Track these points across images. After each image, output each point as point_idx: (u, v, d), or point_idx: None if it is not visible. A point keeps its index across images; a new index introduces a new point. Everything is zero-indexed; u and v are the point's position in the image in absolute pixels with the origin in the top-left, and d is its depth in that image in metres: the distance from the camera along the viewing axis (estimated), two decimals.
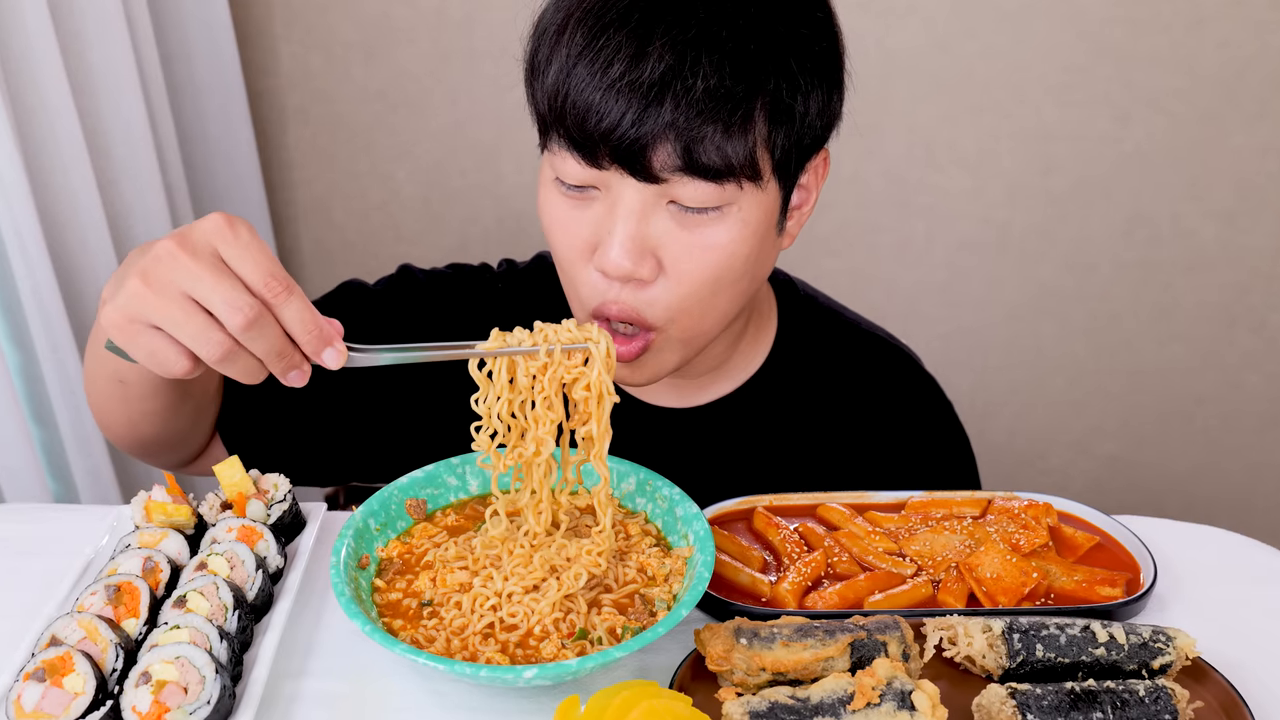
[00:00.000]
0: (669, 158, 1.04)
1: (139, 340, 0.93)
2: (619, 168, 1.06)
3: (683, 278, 1.11)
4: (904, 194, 2.62)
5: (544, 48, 1.08)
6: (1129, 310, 2.69)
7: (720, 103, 1.02)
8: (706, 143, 1.03)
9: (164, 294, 0.90)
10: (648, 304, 1.12)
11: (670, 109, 1.01)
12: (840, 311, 1.44)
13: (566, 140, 1.07)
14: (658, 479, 1.15)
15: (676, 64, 1.01)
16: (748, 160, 1.06)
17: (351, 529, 1.08)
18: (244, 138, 2.53)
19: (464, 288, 1.41)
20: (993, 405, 2.85)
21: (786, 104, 1.06)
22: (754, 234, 1.12)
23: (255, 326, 0.90)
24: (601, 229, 1.10)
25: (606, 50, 1.02)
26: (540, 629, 1.01)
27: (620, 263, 1.08)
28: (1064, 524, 1.20)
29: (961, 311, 2.75)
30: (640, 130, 1.02)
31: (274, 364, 0.93)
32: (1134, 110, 2.46)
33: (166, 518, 1.13)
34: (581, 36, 1.04)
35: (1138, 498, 2.87)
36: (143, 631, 1.00)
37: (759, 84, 1.04)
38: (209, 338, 0.90)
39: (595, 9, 1.05)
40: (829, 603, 1.08)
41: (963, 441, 1.42)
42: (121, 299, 0.91)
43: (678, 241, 1.09)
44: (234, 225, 0.91)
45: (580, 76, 1.04)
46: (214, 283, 0.89)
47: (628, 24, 1.03)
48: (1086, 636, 1.00)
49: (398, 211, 2.74)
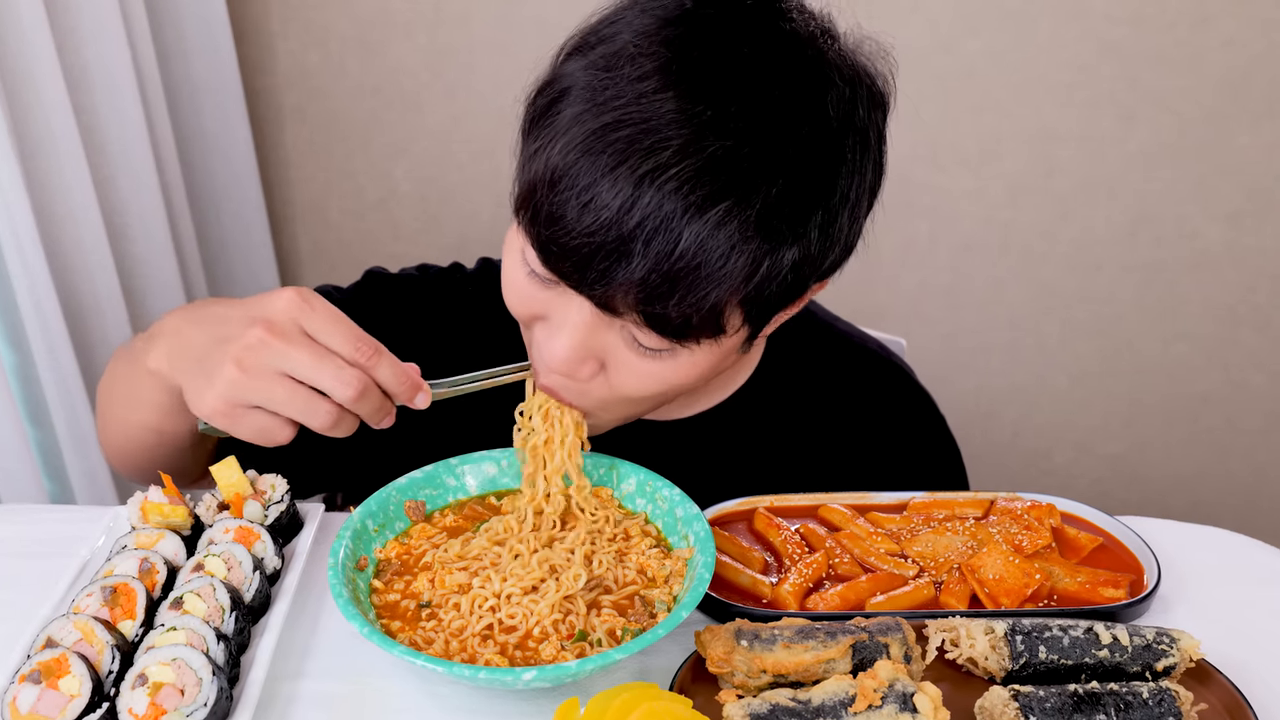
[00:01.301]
0: (628, 306, 0.99)
1: (244, 421, 0.99)
2: (577, 292, 1.02)
3: (620, 388, 1.09)
4: (907, 194, 2.62)
5: (541, 130, 1.00)
6: (1134, 311, 2.69)
7: (697, 277, 0.95)
8: (670, 309, 0.97)
9: (264, 379, 0.96)
10: (582, 394, 1.10)
11: (640, 268, 0.94)
12: (833, 324, 1.44)
13: (535, 246, 1.02)
14: (658, 479, 1.15)
15: (663, 224, 0.93)
16: (713, 326, 1.00)
17: (349, 530, 1.08)
18: (241, 136, 2.53)
19: (433, 289, 1.42)
20: (996, 406, 2.85)
21: (777, 277, 0.99)
22: (710, 366, 1.09)
23: (364, 395, 0.98)
24: (552, 314, 1.07)
25: (598, 183, 0.94)
26: (539, 630, 1.01)
27: (559, 365, 1.06)
28: (1067, 525, 1.20)
29: (964, 312, 2.75)
30: (604, 278, 0.96)
31: (375, 420, 1.02)
32: (1139, 110, 2.46)
33: (163, 519, 1.13)
34: (580, 148, 0.95)
35: (1141, 498, 2.87)
36: (139, 633, 1.00)
37: (748, 261, 0.96)
38: (316, 411, 0.98)
39: (606, 125, 0.95)
40: (830, 604, 1.08)
41: (954, 456, 1.42)
42: (219, 388, 0.97)
43: (624, 360, 1.06)
44: (309, 299, 0.99)
45: (561, 195, 0.96)
46: (315, 363, 0.97)
47: (630, 158, 0.93)
48: (1090, 638, 1.00)
49: (395, 210, 2.74)
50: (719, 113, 0.93)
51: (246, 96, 2.55)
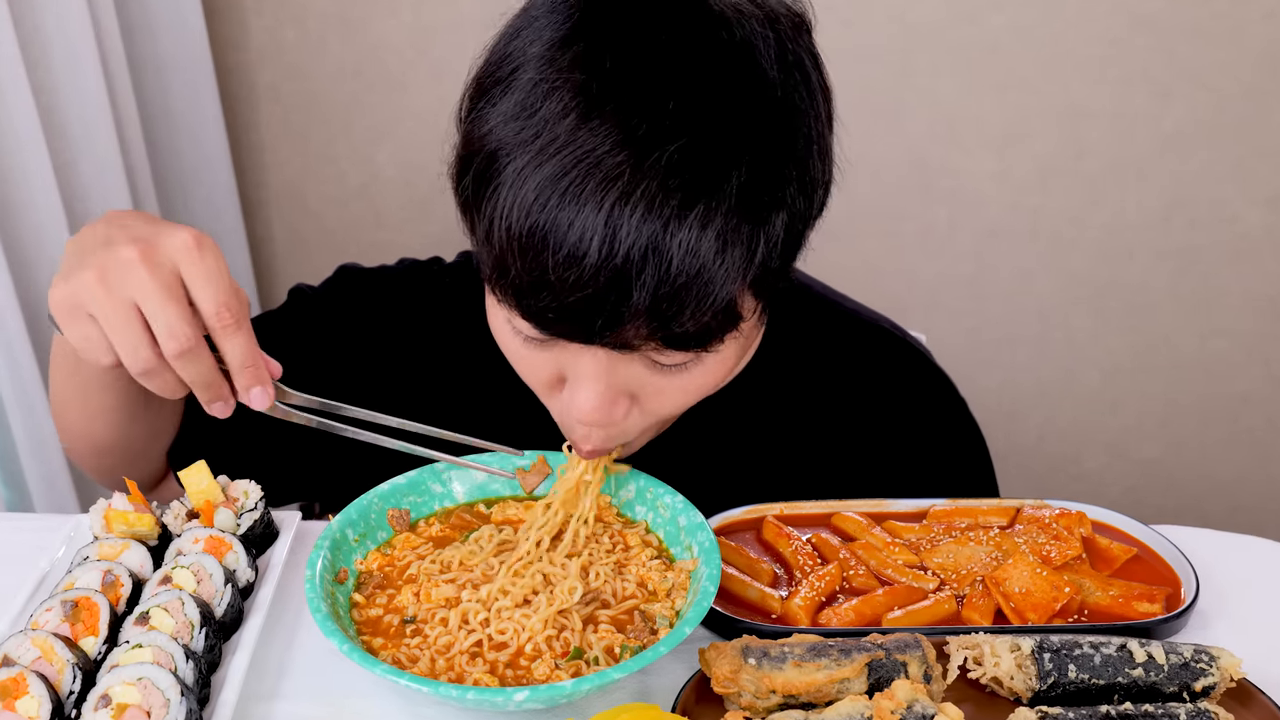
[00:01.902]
0: (642, 336, 0.98)
1: (76, 325, 1.02)
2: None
3: (658, 412, 1.10)
4: (926, 178, 2.62)
5: (488, 199, 0.98)
6: (1168, 302, 2.69)
7: (703, 281, 0.95)
8: (685, 321, 0.97)
9: (112, 296, 0.98)
10: (619, 436, 1.12)
11: (645, 295, 0.94)
12: (839, 301, 1.43)
13: (526, 318, 1.00)
14: (659, 486, 1.15)
15: (651, 245, 0.92)
16: (730, 320, 1.01)
17: (328, 540, 1.08)
18: (211, 117, 2.53)
19: (409, 284, 1.42)
20: (1021, 406, 2.85)
21: (773, 243, 0.99)
22: (735, 357, 1.10)
23: (186, 356, 1.00)
24: (568, 369, 1.07)
25: (571, 231, 0.92)
26: (532, 648, 1.01)
27: (593, 417, 1.06)
28: (1098, 534, 1.20)
29: (988, 304, 2.75)
30: (611, 321, 0.96)
31: (198, 391, 1.04)
32: (1174, 86, 2.46)
33: (128, 528, 1.13)
34: (538, 205, 0.94)
35: (1178, 505, 2.87)
36: (102, 651, 1.00)
37: (747, 242, 0.96)
38: (137, 351, 1.00)
39: (555, 172, 0.93)
40: (844, 620, 1.08)
41: (978, 442, 1.41)
42: (73, 285, 1.00)
43: (653, 384, 1.07)
44: (202, 247, 1.00)
45: (539, 259, 0.94)
46: (162, 303, 0.98)
47: (594, 195, 0.92)
48: (1123, 656, 1.00)
49: (378, 196, 2.74)
50: (657, 117, 0.93)
51: (218, 74, 2.55)
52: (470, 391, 1.36)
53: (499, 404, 1.30)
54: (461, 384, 1.36)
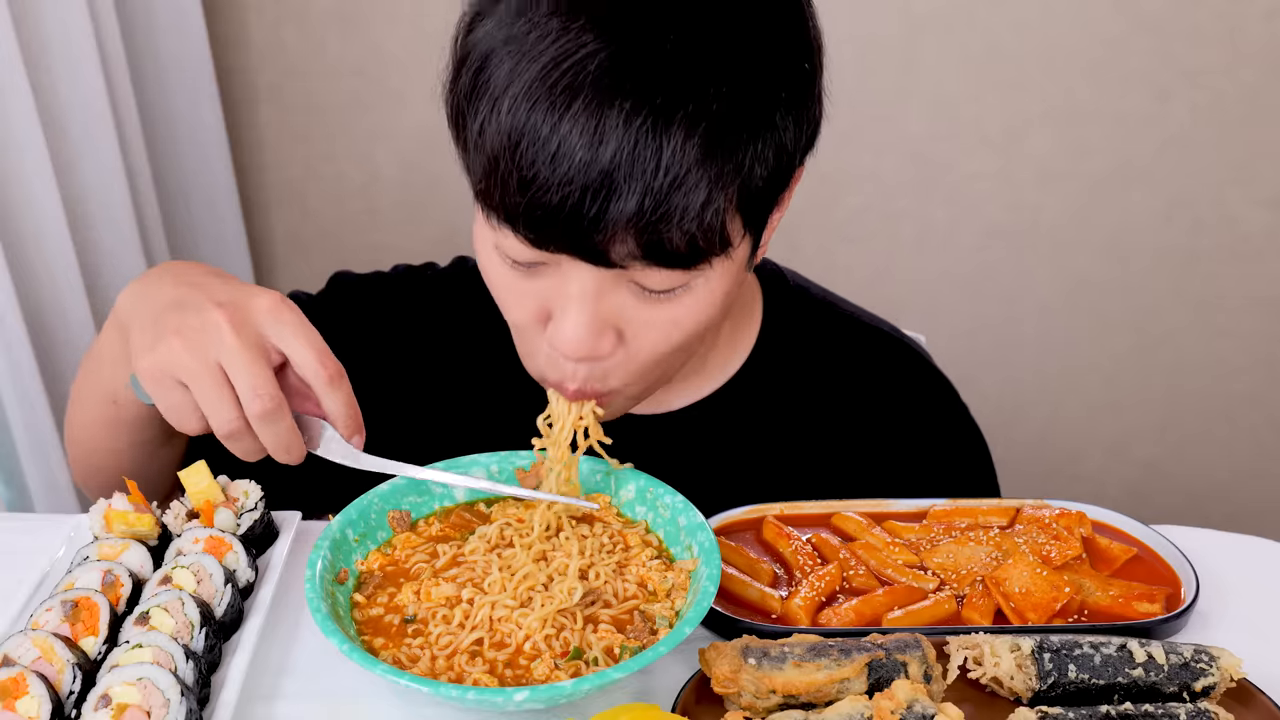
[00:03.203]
0: (629, 248, 0.99)
1: (166, 393, 1.04)
2: (572, 256, 1.02)
3: (644, 349, 1.10)
4: (926, 177, 2.62)
5: (479, 101, 1.00)
6: (1170, 303, 2.69)
7: (688, 187, 0.96)
8: (672, 232, 0.98)
9: (199, 362, 1.01)
10: (605, 375, 1.11)
11: (630, 199, 0.95)
12: (836, 303, 1.42)
13: (508, 224, 1.01)
14: (659, 486, 1.15)
15: (638, 145, 0.94)
16: (718, 239, 1.01)
17: (328, 540, 1.08)
18: (212, 117, 2.53)
19: (403, 289, 1.42)
20: (1022, 407, 2.85)
21: (763, 163, 1.01)
22: (725, 294, 1.10)
23: (269, 417, 1.02)
24: (554, 300, 1.07)
25: (559, 128, 0.94)
26: (531, 647, 1.01)
27: (577, 347, 1.06)
28: (1099, 535, 1.20)
29: (988, 305, 2.75)
30: (597, 224, 0.97)
31: (277, 453, 1.06)
32: (1175, 87, 2.46)
33: (128, 528, 1.13)
34: (525, 101, 0.96)
35: (1179, 506, 2.87)
36: (102, 651, 1.00)
37: (732, 154, 0.98)
38: (223, 413, 1.02)
39: (543, 68, 0.96)
40: (844, 620, 1.08)
41: (979, 445, 1.41)
42: (161, 354, 1.02)
43: (640, 317, 1.07)
44: (286, 308, 1.04)
45: (525, 155, 0.96)
46: (248, 365, 1.00)
47: (580, 92, 0.94)
48: (1123, 656, 1.00)
49: (377, 197, 2.74)
50: (646, 16, 0.96)
51: (218, 75, 2.55)
52: (467, 394, 1.36)
53: (496, 407, 1.30)
54: (458, 387, 1.36)
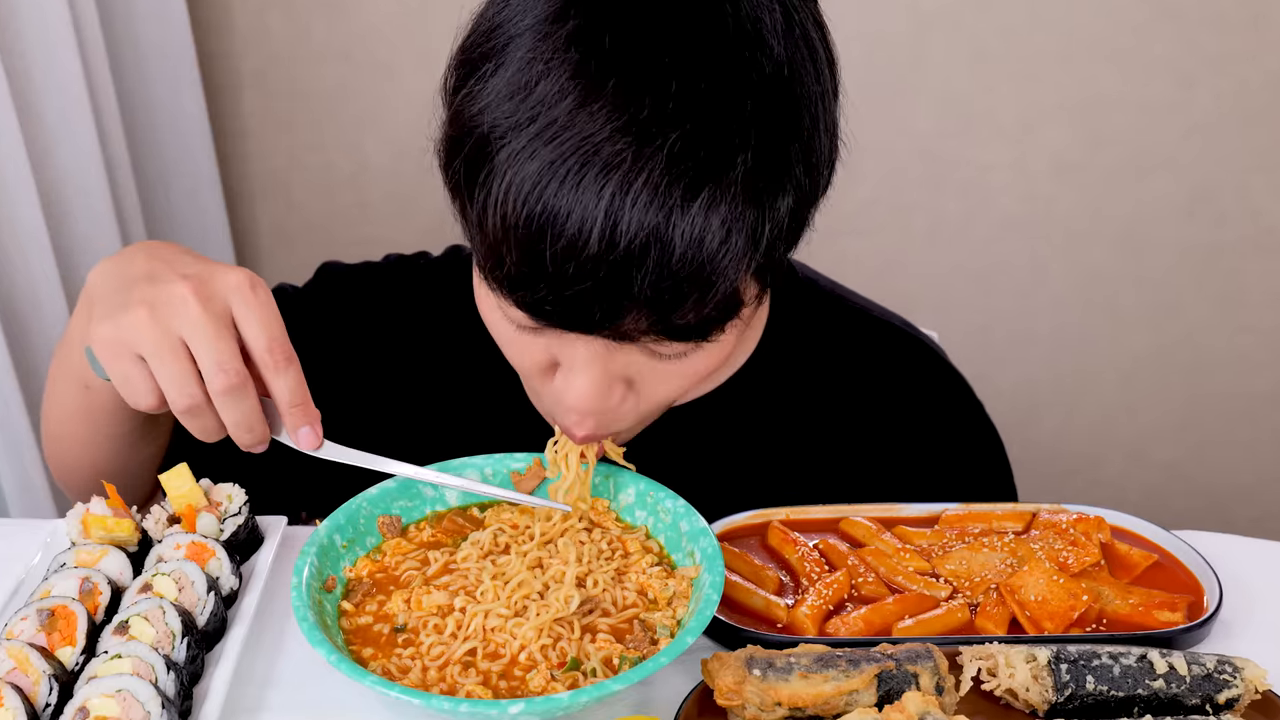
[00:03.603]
0: (641, 327, 0.99)
1: (119, 363, 1.03)
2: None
3: (655, 397, 1.11)
4: (938, 169, 2.62)
5: (481, 181, 0.98)
6: (1191, 298, 2.69)
7: (707, 273, 0.95)
8: (688, 315, 0.97)
9: (160, 331, 1.00)
10: (614, 423, 1.12)
11: (644, 288, 0.94)
12: (845, 297, 1.42)
13: (521, 309, 1.00)
14: (660, 489, 1.15)
15: (653, 236, 0.93)
16: (732, 308, 1.01)
17: (315, 546, 1.08)
18: (193, 105, 2.53)
19: (394, 279, 1.42)
20: (1037, 406, 2.85)
21: (779, 225, 0.99)
22: (735, 340, 1.10)
23: (233, 393, 1.01)
24: (561, 354, 1.07)
25: (569, 220, 0.93)
26: (526, 657, 1.01)
27: (587, 405, 1.06)
28: (1118, 540, 1.20)
29: (1001, 301, 2.75)
30: (609, 317, 0.97)
31: (239, 434, 1.05)
32: (1197, 74, 2.46)
33: (106, 533, 1.13)
34: (533, 190, 0.94)
35: (1201, 510, 2.87)
36: (79, 661, 1.00)
37: (752, 229, 0.96)
38: (183, 387, 1.01)
39: (554, 159, 0.93)
40: (853, 629, 1.08)
41: (995, 445, 1.41)
42: (122, 323, 1.01)
43: (651, 370, 1.07)
44: (255, 286, 1.03)
45: (533, 247, 0.94)
46: (213, 338, 1.00)
47: (594, 182, 0.92)
48: (1143, 667, 1.00)
49: (366, 187, 2.74)
50: (660, 100, 0.93)
51: (200, 61, 2.54)
52: (460, 390, 1.36)
53: (489, 402, 1.30)
54: (451, 382, 1.36)
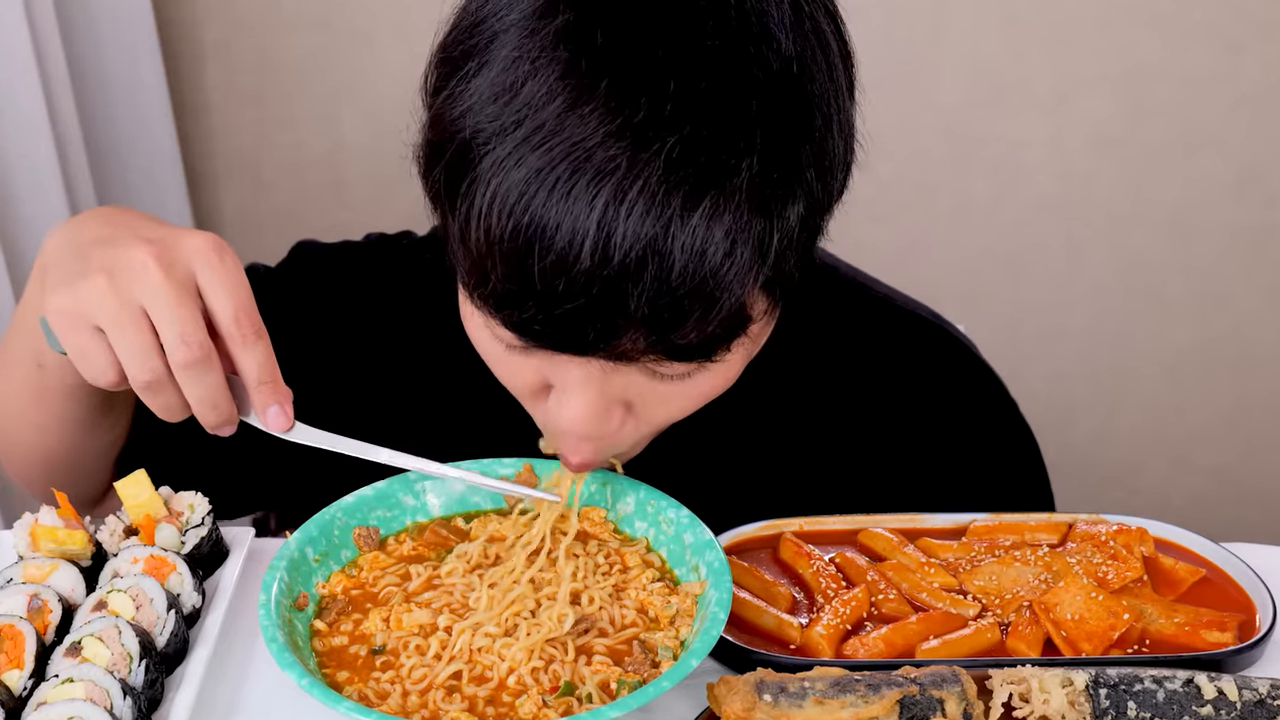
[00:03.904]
0: (639, 347, 0.98)
1: (75, 334, 1.01)
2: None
3: (655, 419, 1.10)
4: (965, 145, 2.62)
5: (463, 190, 0.97)
6: (1240, 288, 2.69)
7: (709, 288, 0.94)
8: (689, 333, 0.97)
9: (119, 300, 0.99)
10: (612, 448, 1.11)
11: (641, 306, 0.94)
12: (867, 285, 1.42)
13: (508, 328, 1.00)
14: (662, 499, 1.15)
15: (650, 250, 0.92)
16: (738, 326, 1.00)
17: (285, 560, 1.08)
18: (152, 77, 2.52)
19: (374, 259, 1.42)
20: (1074, 407, 2.85)
21: (789, 235, 0.98)
22: (744, 361, 1.10)
23: (197, 367, 0.99)
24: (554, 376, 1.06)
25: (559, 233, 0.92)
26: (515, 681, 1.01)
27: (583, 430, 1.06)
28: (1162, 554, 1.20)
29: (1035, 289, 2.75)
30: (602, 337, 0.96)
31: (203, 412, 1.03)
32: (1246, 41, 2.46)
33: (57, 546, 1.12)
34: (520, 202, 0.93)
35: (1252, 521, 2.87)
36: (27, 686, 0.99)
37: (759, 240, 0.95)
38: (144, 360, 0.99)
39: (541, 166, 0.93)
40: (873, 650, 1.08)
41: (1031, 450, 1.41)
42: (79, 292, 1.00)
43: (651, 394, 1.06)
44: (221, 252, 1.02)
45: (520, 263, 0.94)
46: (174, 307, 0.98)
47: (585, 192, 0.92)
48: (1190, 692, 1.00)
49: (342, 166, 2.74)
50: (657, 101, 0.92)
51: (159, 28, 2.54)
52: (443, 379, 1.35)
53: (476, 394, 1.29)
54: (434, 371, 1.36)
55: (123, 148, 2.57)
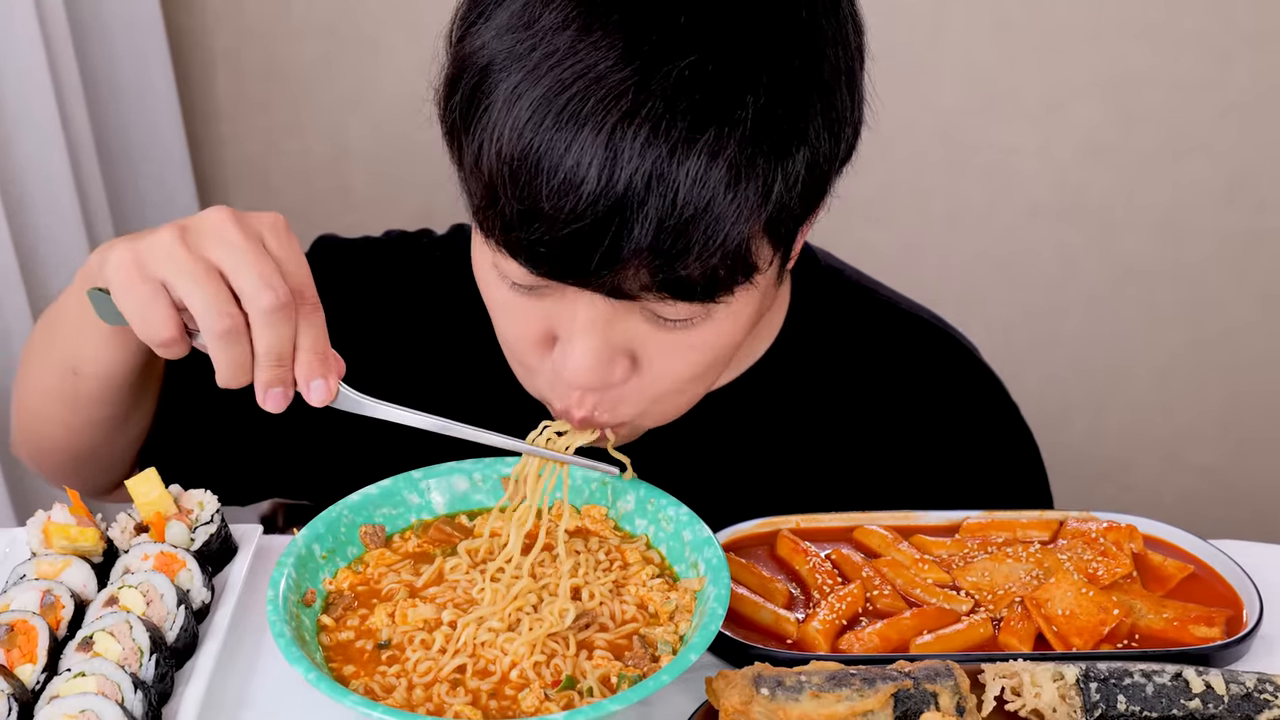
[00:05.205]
0: (643, 281, 0.98)
1: (136, 291, 1.00)
2: (579, 288, 1.02)
3: (660, 377, 1.10)
4: (960, 152, 2.61)
5: (477, 120, 0.99)
6: (1231, 293, 2.68)
7: (710, 218, 0.95)
8: (691, 266, 0.97)
9: (193, 255, 0.99)
10: (617, 403, 1.11)
11: (645, 233, 0.95)
12: (872, 288, 1.42)
13: (507, 254, 1.01)
14: (662, 496, 1.15)
15: (655, 173, 0.93)
16: (742, 268, 1.00)
17: (293, 557, 1.08)
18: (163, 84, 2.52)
19: (395, 255, 1.42)
20: (1067, 407, 2.84)
21: (794, 182, 0.99)
22: (750, 317, 1.10)
23: (280, 311, 0.99)
24: (559, 324, 1.07)
25: (566, 155, 0.94)
26: (518, 675, 1.01)
27: (586, 377, 1.06)
28: (1151, 550, 1.20)
29: (1029, 293, 2.74)
30: (607, 260, 0.96)
31: (267, 369, 1.02)
32: (1236, 50, 2.46)
33: (69, 543, 1.13)
34: (529, 125, 0.95)
35: (1240, 518, 2.87)
36: (40, 680, 1.00)
37: (761, 178, 0.97)
38: (222, 307, 0.99)
39: (550, 89, 0.95)
40: (868, 645, 1.08)
41: (1030, 450, 1.41)
42: (144, 245, 1.00)
43: (655, 343, 1.07)
44: (288, 228, 1.05)
45: (528, 185, 0.96)
46: (256, 259, 1.00)
47: (591, 115, 0.93)
48: (1178, 686, 1.00)
49: (348, 172, 2.74)
50: (667, 30, 0.95)
51: (169, 36, 2.54)
52: (459, 374, 1.35)
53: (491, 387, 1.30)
54: (450, 365, 1.36)
55: (134, 154, 2.57)
